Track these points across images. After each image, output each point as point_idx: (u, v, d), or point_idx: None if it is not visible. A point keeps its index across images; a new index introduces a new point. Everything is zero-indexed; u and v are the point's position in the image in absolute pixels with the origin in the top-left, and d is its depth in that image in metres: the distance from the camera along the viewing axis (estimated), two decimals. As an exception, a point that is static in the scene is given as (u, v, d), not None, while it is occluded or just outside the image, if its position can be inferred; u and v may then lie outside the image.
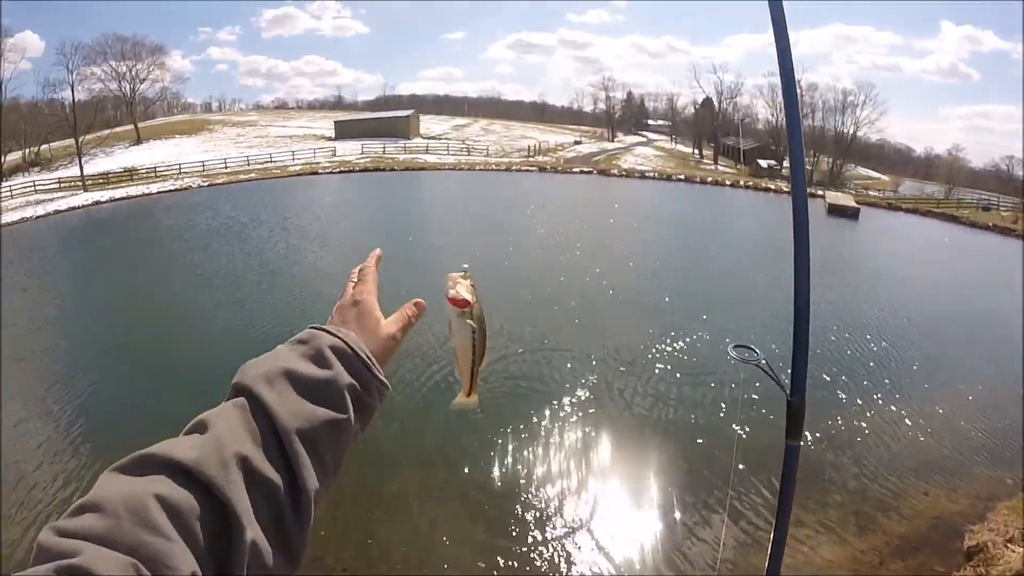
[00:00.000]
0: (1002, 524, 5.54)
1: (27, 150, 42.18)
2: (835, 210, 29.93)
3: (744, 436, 7.32)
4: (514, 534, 5.98)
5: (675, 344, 10.57)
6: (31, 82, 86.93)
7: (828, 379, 9.40)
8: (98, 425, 8.19)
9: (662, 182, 38.85)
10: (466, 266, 0.90)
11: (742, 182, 40.39)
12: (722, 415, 8.06)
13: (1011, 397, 9.12)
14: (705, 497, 6.43)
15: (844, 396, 8.91)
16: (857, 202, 32.86)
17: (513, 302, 12.33)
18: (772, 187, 38.21)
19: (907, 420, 8.36)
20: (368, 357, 0.72)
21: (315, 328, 0.74)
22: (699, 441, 7.53)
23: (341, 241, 19.09)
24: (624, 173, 40.75)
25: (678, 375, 9.37)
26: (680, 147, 63.41)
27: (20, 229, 25.30)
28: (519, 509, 6.31)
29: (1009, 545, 5.08)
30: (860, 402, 8.79)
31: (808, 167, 47.97)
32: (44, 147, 42.51)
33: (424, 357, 9.50)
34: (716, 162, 55.64)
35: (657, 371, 9.53)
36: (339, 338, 0.72)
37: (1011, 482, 6.86)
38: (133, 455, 0.55)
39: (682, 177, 40.40)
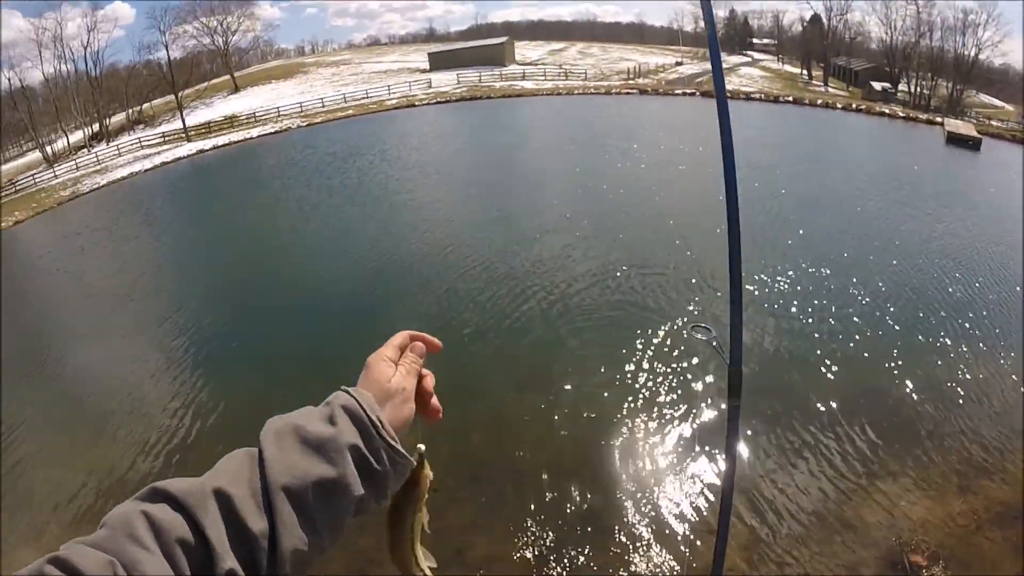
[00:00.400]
0: None
1: (130, 110, 45.21)
2: (954, 139, 26.52)
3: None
4: (605, 459, 6.06)
5: (774, 276, 9.92)
6: (126, 47, 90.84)
7: (933, 322, 8.61)
8: (207, 357, 9.02)
9: (769, 104, 35.82)
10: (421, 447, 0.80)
11: (854, 105, 36.70)
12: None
13: None
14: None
15: (949, 342, 8.13)
16: (979, 132, 28.95)
17: (612, 223, 12.04)
18: (887, 111, 34.49)
19: (1014, 375, 7.45)
20: (377, 420, 0.69)
21: (342, 390, 0.73)
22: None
23: (440, 170, 19.22)
24: (728, 95, 37.42)
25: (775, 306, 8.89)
26: (788, 67, 58.32)
27: (130, 182, 27.69)
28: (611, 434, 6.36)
29: None
30: (964, 349, 7.98)
31: (925, 91, 43.21)
32: (146, 106, 45.33)
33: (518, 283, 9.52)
34: (826, 83, 50.76)
35: (756, 304, 9.01)
36: (353, 398, 0.70)
37: None
38: (147, 487, 0.60)
39: (790, 99, 36.95)
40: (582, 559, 5.10)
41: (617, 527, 5.39)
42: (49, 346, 10.98)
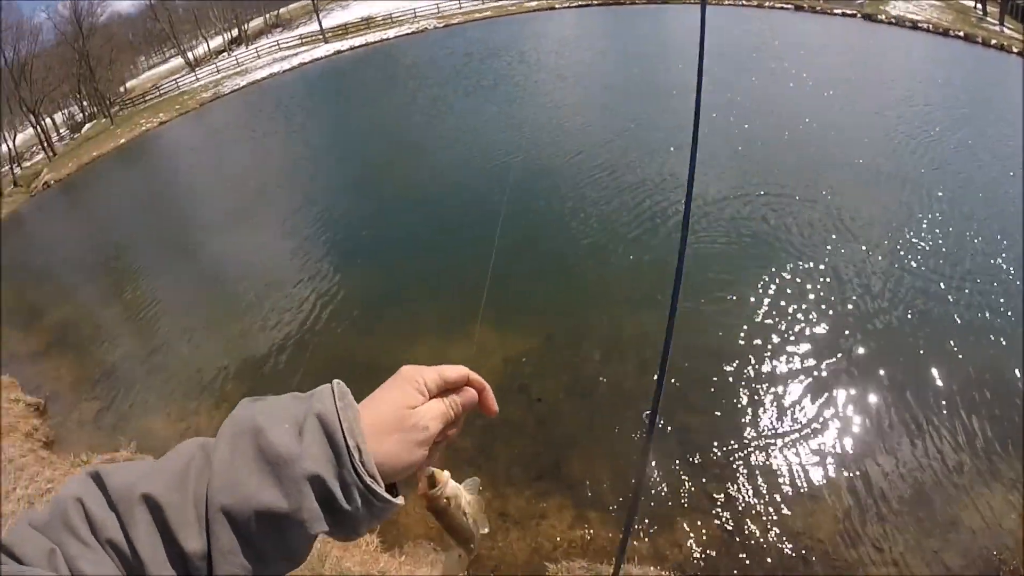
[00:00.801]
0: None
1: (267, 15, 46.60)
2: None
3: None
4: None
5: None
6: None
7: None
8: (336, 247, 9.51)
9: (936, 36, 31.29)
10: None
11: (1032, 48, 31.59)
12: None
13: None
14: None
15: None
16: None
17: (753, 145, 11.20)
18: (1068, 63, 29.47)
19: None
20: (355, 447, 0.54)
21: (332, 386, 0.59)
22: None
23: (576, 75, 18.45)
24: (892, 20, 33.25)
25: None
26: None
27: (269, 83, 29.02)
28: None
29: None
30: None
31: None
32: (283, 9, 46.69)
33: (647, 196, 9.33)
34: (1002, 22, 43.86)
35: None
36: (335, 406, 0.56)
37: None
38: (92, 469, 0.55)
39: (960, 34, 32.13)
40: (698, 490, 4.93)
41: (730, 471, 5.14)
42: (191, 234, 12.06)
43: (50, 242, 16.13)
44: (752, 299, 6.87)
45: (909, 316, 6.86)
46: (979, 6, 46.47)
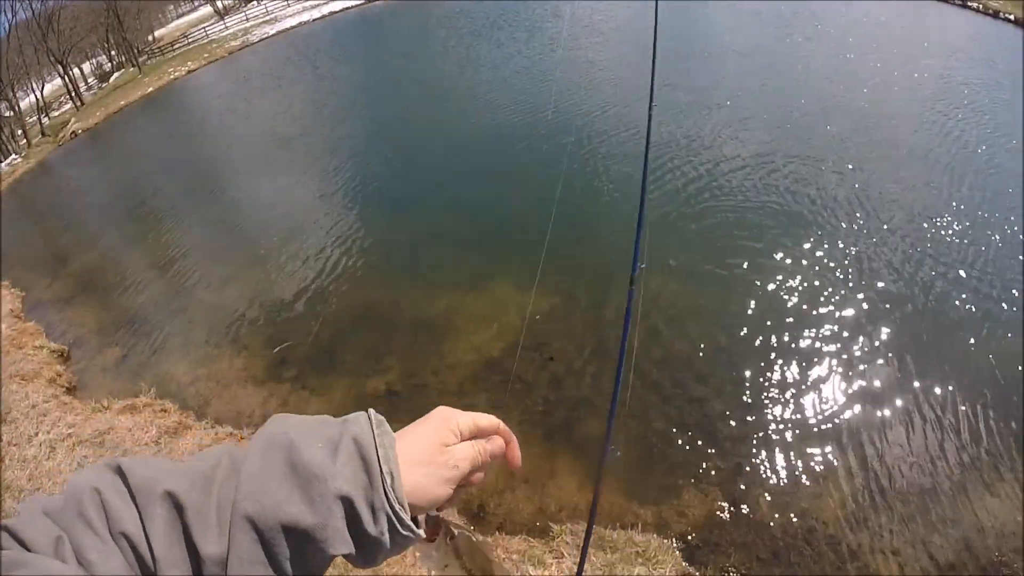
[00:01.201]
0: None
1: None
2: None
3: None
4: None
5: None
6: None
7: None
8: (361, 196, 9.53)
9: (985, 18, 28.98)
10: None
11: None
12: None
13: None
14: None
15: None
16: None
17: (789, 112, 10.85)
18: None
19: None
20: (388, 473, 0.56)
21: (367, 414, 0.61)
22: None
23: (617, 29, 17.50)
24: None
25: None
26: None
27: (299, 31, 28.78)
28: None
29: None
30: None
31: None
32: None
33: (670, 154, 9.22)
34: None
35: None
36: (372, 431, 0.58)
37: None
38: (114, 461, 0.56)
39: (1011, 17, 29.93)
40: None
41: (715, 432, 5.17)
42: (216, 181, 12.17)
43: (77, 190, 16.36)
44: (767, 269, 6.76)
45: (926, 302, 6.79)
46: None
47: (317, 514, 0.52)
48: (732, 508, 4.55)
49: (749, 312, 6.17)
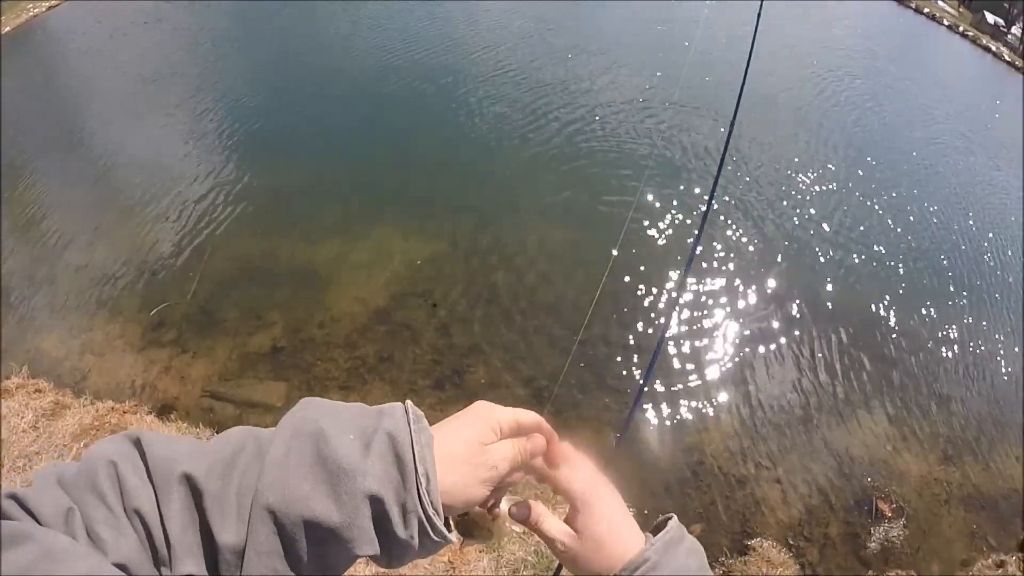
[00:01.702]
0: None
1: None
2: None
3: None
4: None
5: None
6: None
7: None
8: (236, 136, 8.85)
9: None
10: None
11: (961, 28, 33.04)
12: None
13: None
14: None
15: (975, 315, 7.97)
16: None
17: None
18: (992, 48, 31.07)
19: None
20: (424, 475, 0.52)
21: (404, 406, 0.58)
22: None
23: None
24: None
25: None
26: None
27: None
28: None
29: None
30: (995, 328, 7.83)
31: None
32: None
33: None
34: (939, -7, 45.50)
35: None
36: (408, 427, 0.54)
37: None
38: (133, 433, 0.54)
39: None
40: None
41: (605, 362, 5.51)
42: (80, 127, 10.85)
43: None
44: (642, 209, 7.16)
45: (789, 248, 7.36)
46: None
47: (343, 512, 0.49)
48: (623, 445, 4.75)
49: (627, 254, 6.43)
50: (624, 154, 8.31)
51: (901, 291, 7.69)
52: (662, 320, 5.85)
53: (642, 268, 6.47)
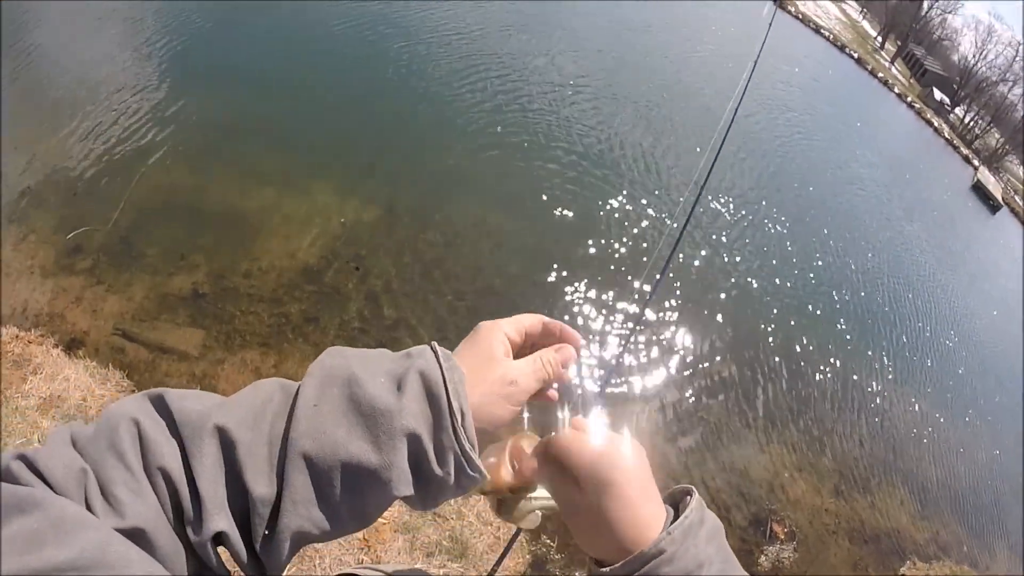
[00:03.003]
0: None
1: None
2: (979, 190, 26.47)
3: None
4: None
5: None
6: None
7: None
8: (177, 53, 8.11)
9: (833, 49, 33.56)
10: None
11: (909, 99, 35.33)
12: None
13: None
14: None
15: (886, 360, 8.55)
16: (1003, 198, 28.66)
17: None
18: (934, 123, 33.41)
19: (923, 426, 8.00)
20: (459, 410, 0.52)
21: (431, 347, 0.56)
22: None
23: None
24: (800, 17, 34.66)
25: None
26: (866, 24, 55.16)
27: None
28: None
29: None
30: (896, 379, 8.45)
31: (976, 130, 41.95)
32: None
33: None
34: (893, 62, 48.66)
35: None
36: (439, 365, 0.53)
37: (965, 550, 6.64)
38: (157, 391, 0.51)
39: (855, 56, 34.82)
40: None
41: None
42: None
43: None
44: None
45: (712, 273, 7.86)
46: (879, 40, 50.55)
47: (382, 453, 0.49)
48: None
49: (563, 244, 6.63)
50: (575, 142, 8.48)
51: (823, 331, 8.16)
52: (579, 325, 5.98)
53: (587, 270, 6.56)
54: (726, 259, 8.15)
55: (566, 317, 5.94)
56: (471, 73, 9.36)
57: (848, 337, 8.46)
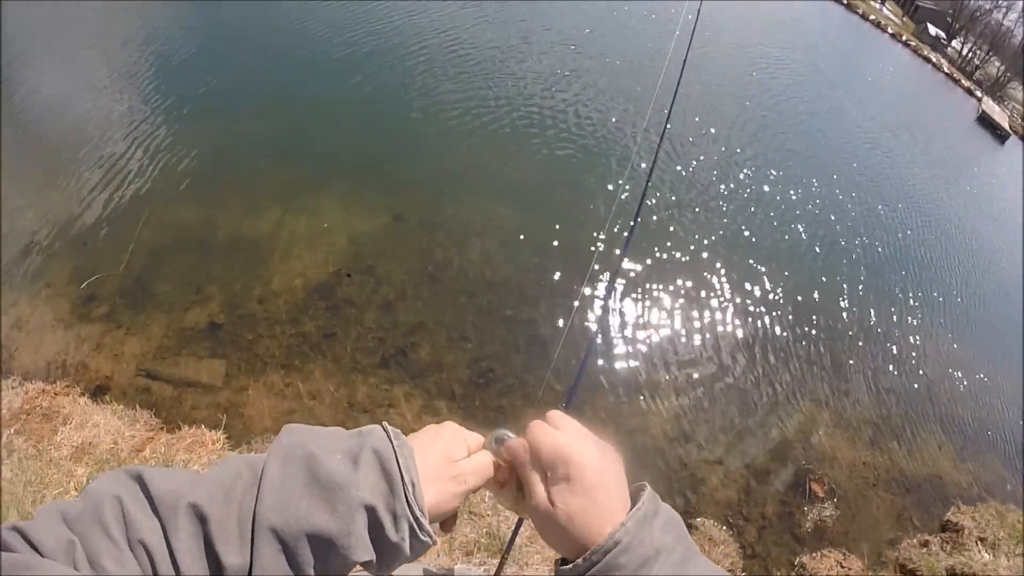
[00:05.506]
0: (984, 521, 5.38)
1: None
2: (985, 121, 25.90)
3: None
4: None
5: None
6: None
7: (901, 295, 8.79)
8: (170, 90, 8.06)
9: None
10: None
11: (904, 37, 34.55)
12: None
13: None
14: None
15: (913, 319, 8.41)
16: (1011, 127, 27.95)
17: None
18: (932, 59, 32.66)
19: (954, 366, 7.87)
20: (410, 483, 0.58)
21: (382, 427, 0.63)
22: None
23: None
24: None
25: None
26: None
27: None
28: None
29: (980, 543, 5.05)
30: (922, 320, 8.33)
31: (976, 61, 41.07)
32: None
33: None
34: (884, 2, 47.65)
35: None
36: (390, 443, 0.60)
37: (1010, 488, 6.58)
38: (136, 469, 0.56)
39: (844, 1, 33.80)
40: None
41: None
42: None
43: None
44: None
45: (729, 234, 7.83)
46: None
47: (341, 522, 0.53)
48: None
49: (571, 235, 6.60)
50: (579, 142, 8.39)
51: (838, 280, 8.07)
52: (600, 303, 5.95)
53: (591, 249, 6.52)
54: (745, 214, 8.16)
55: (576, 303, 5.93)
56: (458, 73, 9.35)
57: (866, 284, 8.39)
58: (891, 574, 4.84)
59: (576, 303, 5.86)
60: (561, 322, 5.66)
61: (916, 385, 7.23)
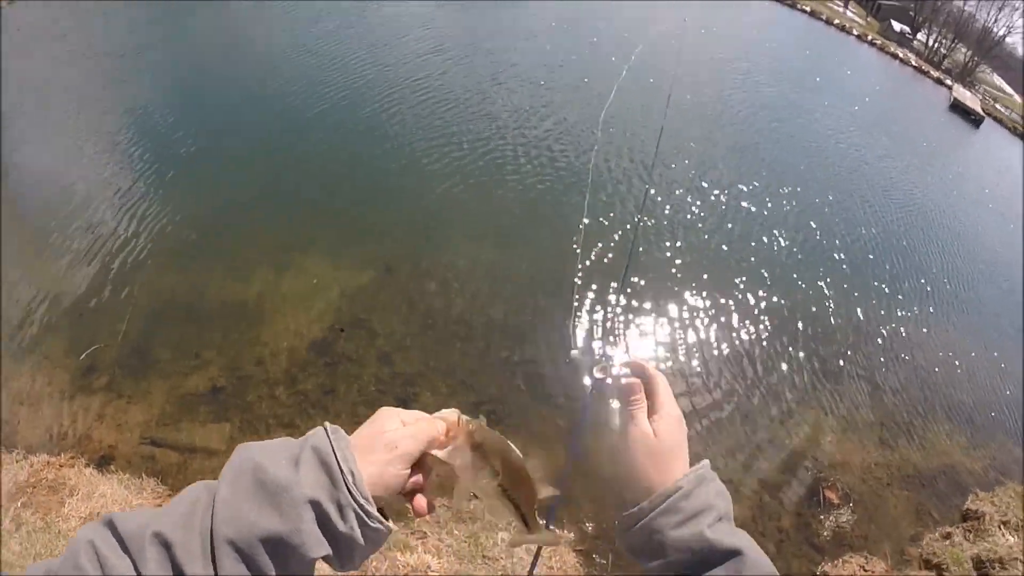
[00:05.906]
0: (1005, 504, 5.38)
1: None
2: (958, 108, 26.11)
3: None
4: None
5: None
6: None
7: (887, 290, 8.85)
8: (151, 157, 8.14)
9: (784, 7, 33.40)
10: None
11: (869, 37, 35.21)
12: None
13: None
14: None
15: (902, 310, 8.45)
16: (983, 110, 28.36)
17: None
18: (900, 55, 33.28)
19: (951, 353, 7.90)
20: (349, 472, 0.60)
21: (323, 426, 0.66)
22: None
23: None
24: None
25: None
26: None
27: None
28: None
29: (1003, 527, 5.02)
30: (913, 312, 8.39)
31: (943, 50, 41.96)
32: None
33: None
34: (847, 5, 48.70)
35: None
36: (328, 438, 0.62)
37: None
38: (106, 517, 0.59)
39: (807, 9, 34.27)
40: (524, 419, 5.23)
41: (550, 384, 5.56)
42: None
43: None
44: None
45: (724, 248, 7.99)
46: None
47: (289, 521, 0.56)
48: (574, 465, 4.78)
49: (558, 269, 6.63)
50: (559, 177, 8.53)
51: (822, 285, 8.13)
52: (596, 339, 5.99)
53: (576, 281, 6.56)
54: (722, 231, 8.28)
55: (571, 322, 5.97)
56: (431, 116, 9.51)
57: (851, 284, 8.45)
58: (916, 571, 4.80)
59: (572, 338, 5.90)
60: (559, 357, 5.69)
61: (915, 377, 7.25)
